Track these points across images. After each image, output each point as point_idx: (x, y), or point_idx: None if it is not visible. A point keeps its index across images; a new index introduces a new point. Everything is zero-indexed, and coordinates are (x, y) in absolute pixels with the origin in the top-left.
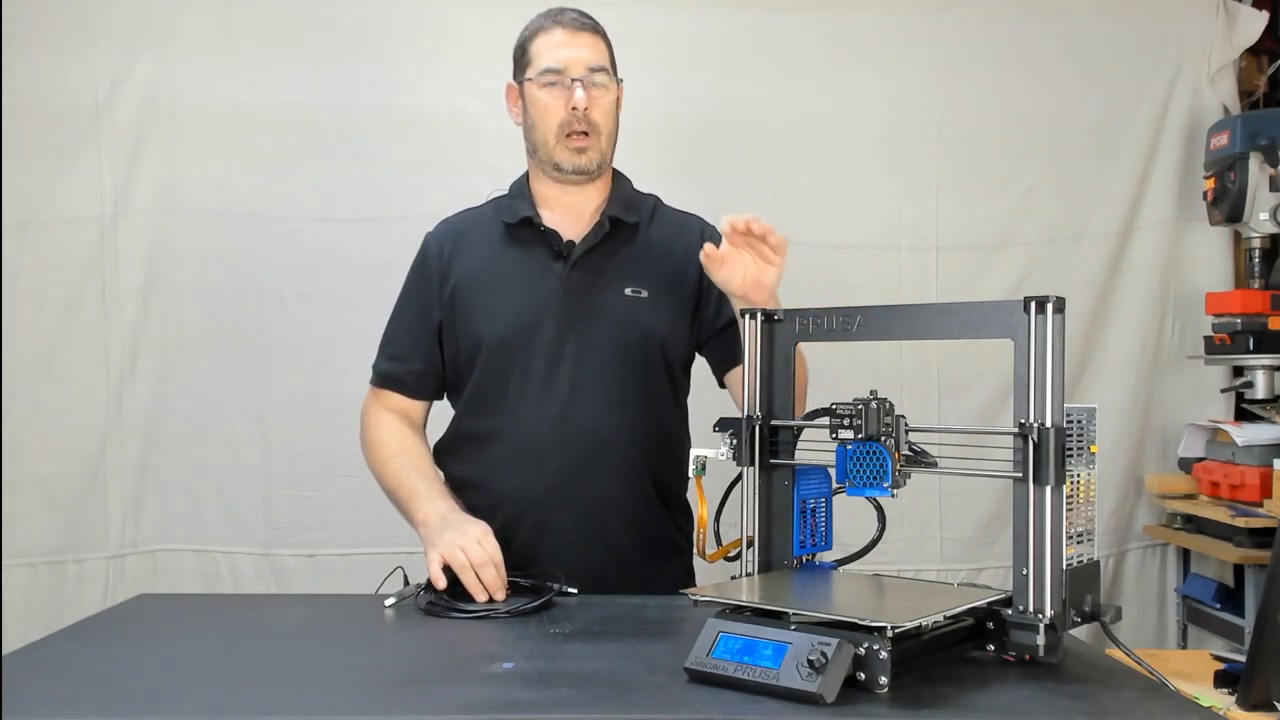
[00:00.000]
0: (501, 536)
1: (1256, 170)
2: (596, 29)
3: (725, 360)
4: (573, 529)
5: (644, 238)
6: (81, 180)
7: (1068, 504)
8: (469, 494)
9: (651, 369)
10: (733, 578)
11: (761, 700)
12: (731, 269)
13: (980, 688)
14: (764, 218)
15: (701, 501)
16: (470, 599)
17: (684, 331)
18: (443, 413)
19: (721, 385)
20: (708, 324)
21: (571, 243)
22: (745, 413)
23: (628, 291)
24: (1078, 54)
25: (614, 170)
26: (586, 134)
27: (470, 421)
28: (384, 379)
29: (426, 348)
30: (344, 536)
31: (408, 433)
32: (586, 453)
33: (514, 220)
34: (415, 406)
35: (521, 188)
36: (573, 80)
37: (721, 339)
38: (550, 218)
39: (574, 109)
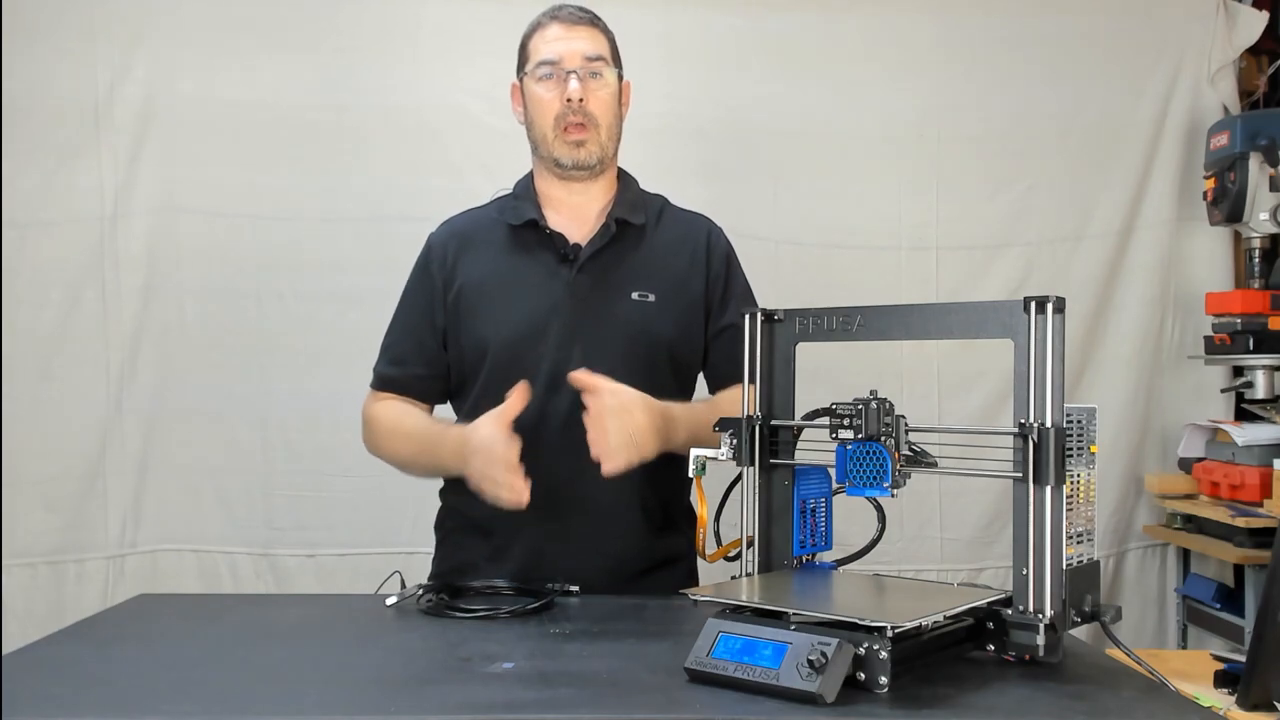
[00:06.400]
0: (503, 543)
1: (1256, 170)
2: (595, 22)
3: (719, 377)
4: (575, 535)
5: (651, 240)
6: (81, 180)
7: (1068, 504)
8: (470, 500)
9: (658, 375)
10: (733, 578)
11: (761, 700)
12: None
13: (980, 688)
14: (764, 217)
15: (701, 501)
16: (470, 600)
17: (692, 336)
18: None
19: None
20: (708, 330)
21: (578, 246)
22: (745, 412)
23: (634, 296)
24: (1077, 54)
25: (620, 170)
26: (583, 126)
27: None
28: (384, 383)
29: (429, 352)
30: (344, 536)
31: (406, 406)
32: (591, 459)
33: (519, 222)
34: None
35: (526, 187)
36: (568, 72)
37: (714, 346)
38: (555, 219)
39: (568, 101)
